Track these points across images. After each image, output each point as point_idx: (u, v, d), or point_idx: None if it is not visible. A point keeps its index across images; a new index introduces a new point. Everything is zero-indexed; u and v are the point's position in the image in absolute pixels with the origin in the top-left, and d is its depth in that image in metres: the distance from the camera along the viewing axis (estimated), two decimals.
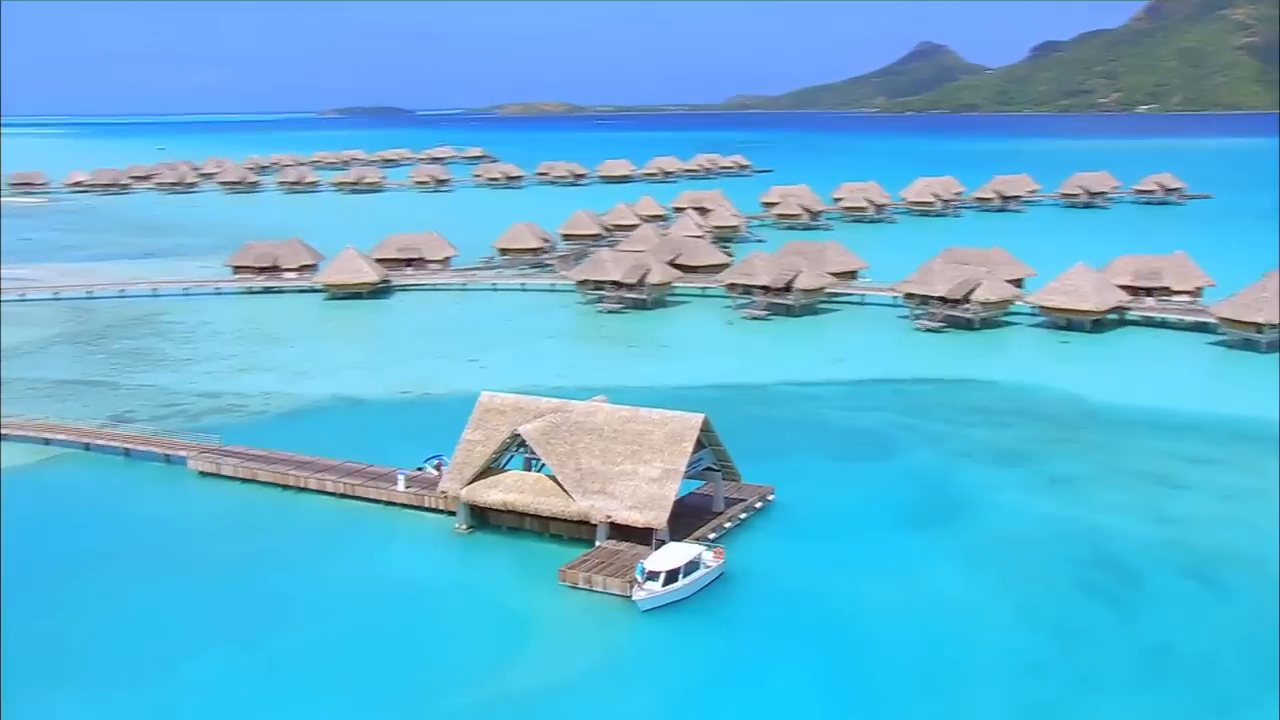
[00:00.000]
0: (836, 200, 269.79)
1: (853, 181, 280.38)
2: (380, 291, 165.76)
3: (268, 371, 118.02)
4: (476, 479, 72.63)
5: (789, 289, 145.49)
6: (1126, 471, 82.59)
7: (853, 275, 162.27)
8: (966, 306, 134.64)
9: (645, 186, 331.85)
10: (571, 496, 69.15)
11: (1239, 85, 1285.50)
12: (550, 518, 70.46)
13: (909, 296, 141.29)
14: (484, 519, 73.32)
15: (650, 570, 61.82)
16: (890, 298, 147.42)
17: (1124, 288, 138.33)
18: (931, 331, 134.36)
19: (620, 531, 68.27)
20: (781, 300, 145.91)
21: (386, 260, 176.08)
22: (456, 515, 73.34)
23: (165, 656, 56.21)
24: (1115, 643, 56.97)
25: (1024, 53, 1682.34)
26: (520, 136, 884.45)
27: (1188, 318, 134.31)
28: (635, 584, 61.78)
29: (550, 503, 69.96)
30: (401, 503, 76.90)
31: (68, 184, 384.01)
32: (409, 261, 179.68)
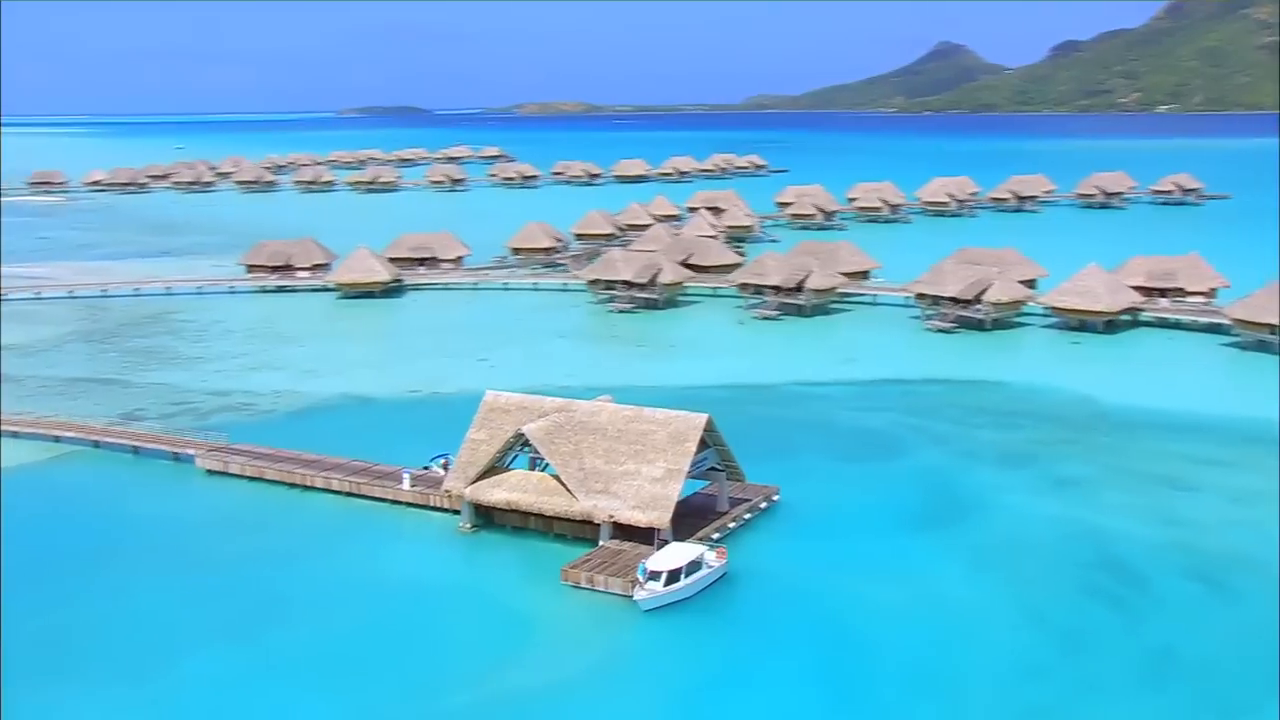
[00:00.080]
0: (851, 200, 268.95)
1: (868, 181, 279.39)
2: (392, 291, 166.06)
3: (278, 370, 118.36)
4: (481, 478, 72.69)
5: (800, 289, 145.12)
6: (1134, 473, 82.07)
7: (865, 275, 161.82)
8: (978, 307, 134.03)
9: (660, 186, 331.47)
10: (575, 496, 69.13)
11: (1261, 85, 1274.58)
12: (554, 517, 70.41)
13: (920, 297, 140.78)
14: (488, 518, 73.34)
15: (652, 570, 61.76)
16: (902, 298, 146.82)
17: (1137, 289, 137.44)
18: (943, 332, 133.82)
19: (623, 531, 68.21)
20: (793, 300, 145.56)
21: (399, 259, 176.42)
22: (461, 514, 73.44)
23: (167, 653, 56.41)
24: (1118, 646, 56.64)
25: (1043, 52, 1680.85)
26: (537, 136, 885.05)
27: (1201, 319, 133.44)
28: (637, 584, 61.76)
29: (554, 502, 69.96)
30: (407, 501, 77.00)
31: (86, 183, 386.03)
32: (422, 261, 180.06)
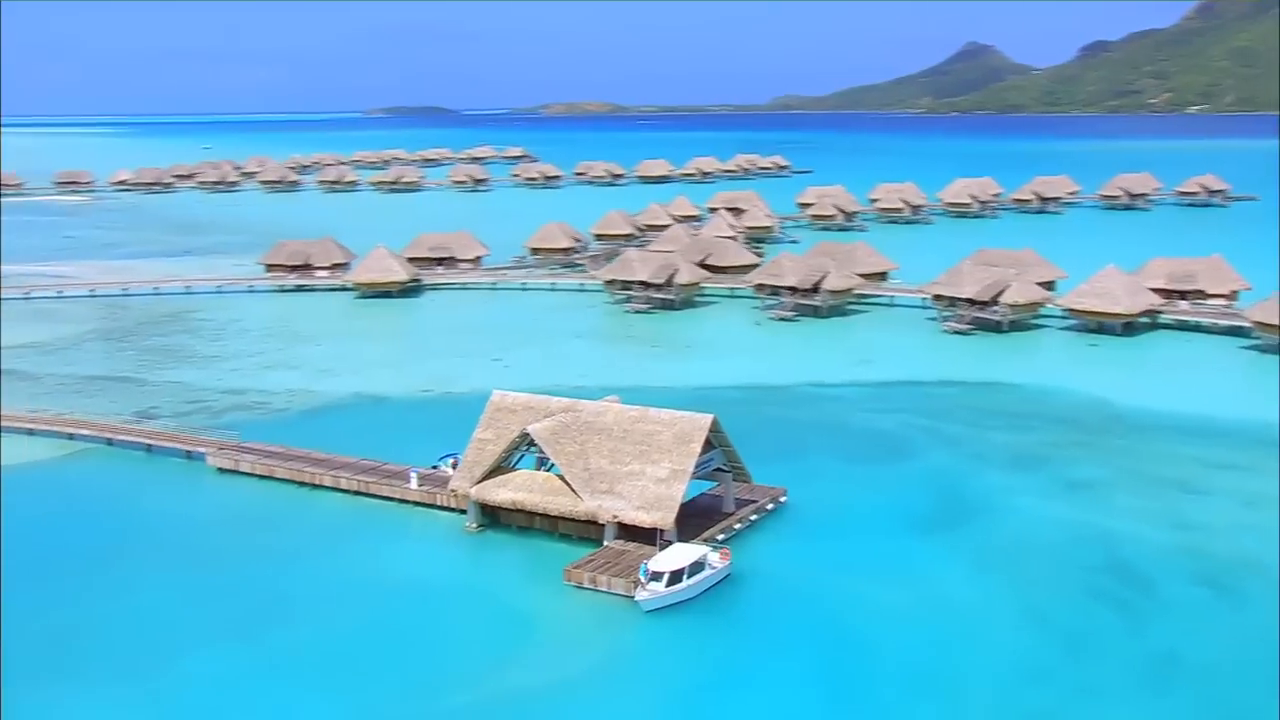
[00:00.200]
0: (873, 201, 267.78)
1: (891, 183, 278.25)
2: (410, 290, 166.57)
3: (293, 369, 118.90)
4: (486, 478, 72.81)
5: (817, 290, 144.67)
6: (1146, 476, 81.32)
7: (883, 276, 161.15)
8: (995, 309, 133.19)
9: (683, 186, 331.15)
10: (579, 496, 69.13)
11: None
12: (559, 517, 70.46)
13: (937, 298, 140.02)
14: (495, 518, 73.43)
15: (654, 571, 61.68)
16: (920, 299, 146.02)
17: (1157, 290, 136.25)
18: (959, 334, 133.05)
19: (628, 531, 68.16)
20: (809, 301, 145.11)
21: (418, 259, 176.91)
22: (467, 514, 73.58)
23: (169, 651, 56.61)
24: (1122, 650, 56.11)
25: (1072, 53, 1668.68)
26: (562, 136, 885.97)
27: (1222, 321, 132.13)
28: (639, 584, 61.70)
29: (558, 502, 69.98)
30: (414, 501, 77.19)
31: (112, 183, 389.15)
32: (440, 260, 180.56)
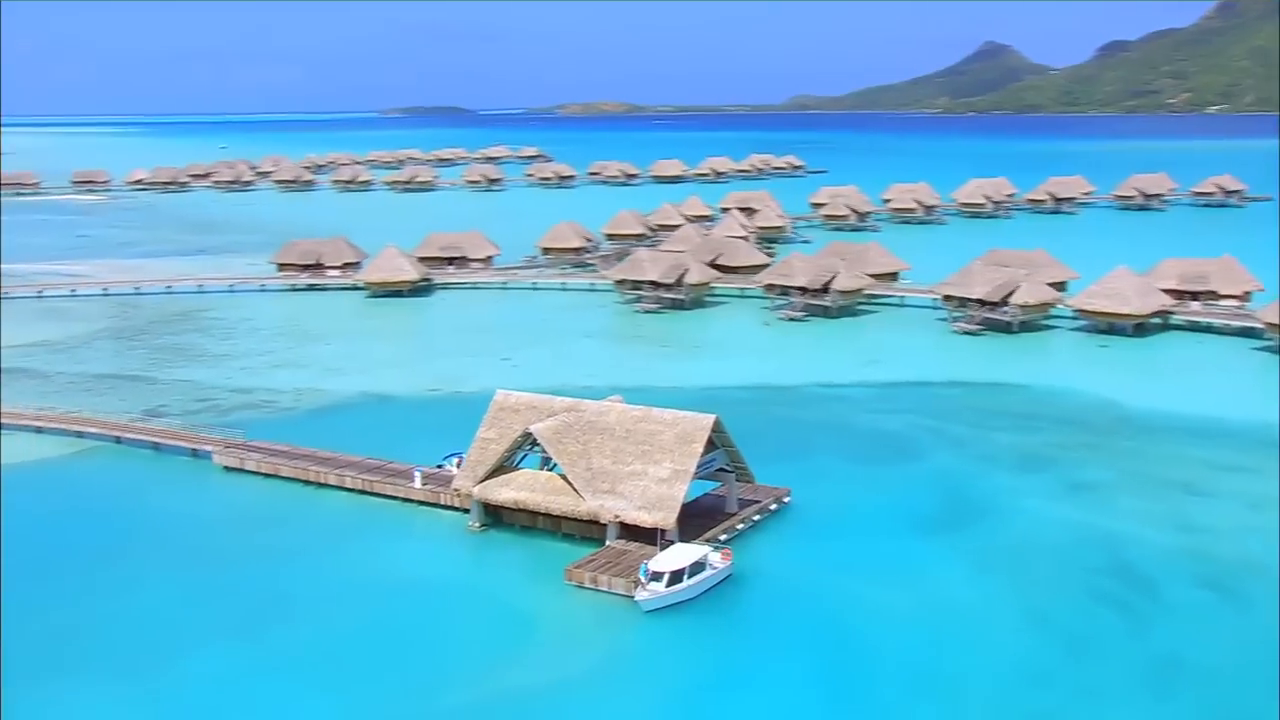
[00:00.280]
0: (886, 201, 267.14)
1: (904, 183, 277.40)
2: (421, 290, 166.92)
3: (302, 368, 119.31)
4: (489, 477, 72.89)
5: (826, 290, 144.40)
6: (1153, 478, 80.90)
7: (893, 277, 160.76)
8: (1005, 309, 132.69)
9: (696, 187, 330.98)
10: (581, 496, 69.14)
11: None
12: (561, 517, 70.52)
13: (947, 299, 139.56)
14: (498, 517, 73.53)
15: (654, 571, 61.65)
16: (930, 300, 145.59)
17: (1169, 291, 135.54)
18: (969, 334, 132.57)
19: (630, 531, 68.14)
20: (819, 301, 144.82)
21: (429, 259, 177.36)
22: (470, 513, 73.67)
23: (171, 648, 56.85)
24: (1124, 653, 55.86)
25: (1090, 52, 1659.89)
26: (578, 136, 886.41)
27: (1234, 322, 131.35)
28: (639, 584, 61.68)
29: (561, 502, 70.02)
30: (418, 500, 77.33)
31: (129, 182, 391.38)
32: (451, 260, 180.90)
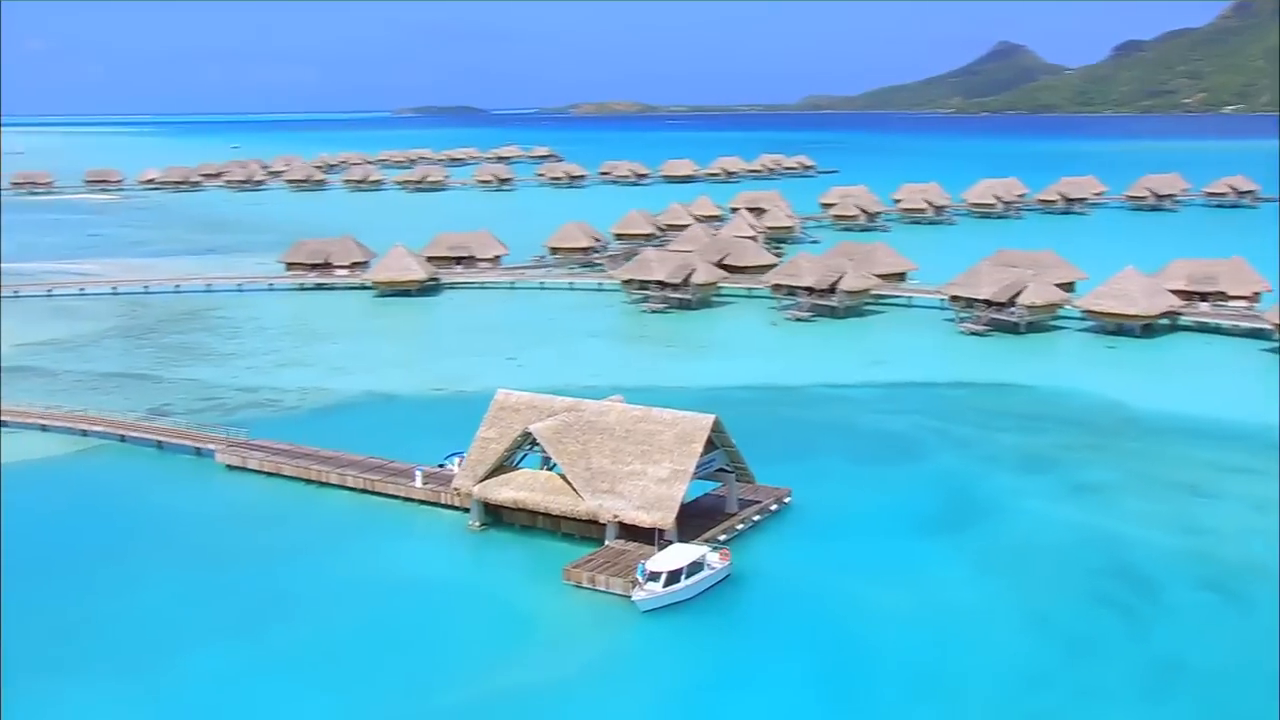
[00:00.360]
0: (896, 201, 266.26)
1: (915, 183, 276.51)
2: (429, 289, 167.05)
3: (307, 367, 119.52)
4: (489, 476, 72.87)
5: (833, 290, 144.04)
6: (1157, 480, 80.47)
7: (901, 277, 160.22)
8: (1012, 310, 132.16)
9: (707, 187, 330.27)
10: (580, 496, 69.07)
11: None
12: (560, 516, 70.46)
13: (954, 299, 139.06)
14: (497, 516, 73.51)
15: (651, 571, 61.53)
16: (938, 300, 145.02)
17: (1177, 292, 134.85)
18: (976, 335, 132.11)
19: (629, 531, 68.03)
20: (825, 302, 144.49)
21: (437, 258, 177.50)
22: (470, 512, 73.66)
23: (172, 646, 56.96)
24: (1124, 655, 55.56)
25: (1105, 52, 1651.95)
26: (590, 136, 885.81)
27: (1243, 323, 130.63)
28: (636, 584, 61.57)
29: (560, 501, 69.96)
30: (419, 499, 77.36)
31: (141, 181, 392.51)
32: (459, 260, 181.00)
